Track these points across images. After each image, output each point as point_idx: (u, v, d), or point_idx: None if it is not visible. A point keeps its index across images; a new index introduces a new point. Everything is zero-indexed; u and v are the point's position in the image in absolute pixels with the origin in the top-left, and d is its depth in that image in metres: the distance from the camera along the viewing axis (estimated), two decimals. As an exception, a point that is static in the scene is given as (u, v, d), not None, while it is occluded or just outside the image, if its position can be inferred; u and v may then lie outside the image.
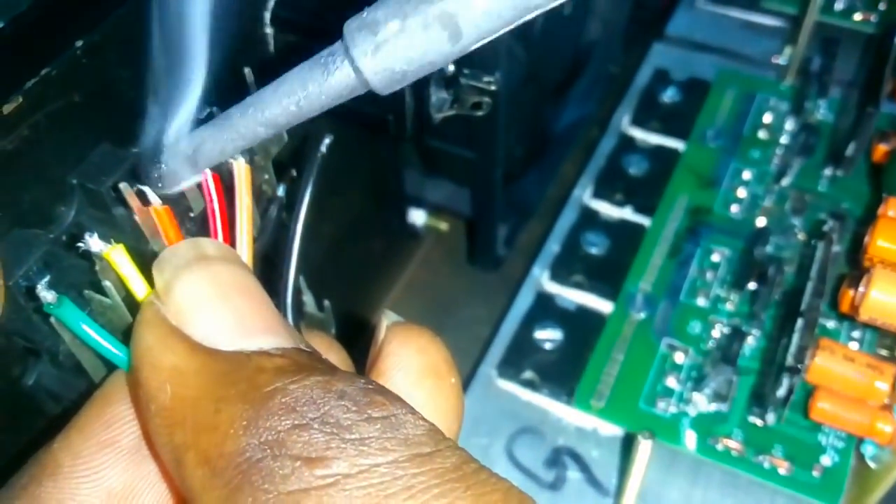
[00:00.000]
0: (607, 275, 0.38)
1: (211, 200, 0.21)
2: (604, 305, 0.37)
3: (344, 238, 0.38)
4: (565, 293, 0.38)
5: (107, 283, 0.19)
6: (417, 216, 0.42)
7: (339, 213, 0.36)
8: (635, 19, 0.50)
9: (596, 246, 0.39)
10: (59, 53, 0.18)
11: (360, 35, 0.15)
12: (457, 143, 0.36)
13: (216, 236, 0.21)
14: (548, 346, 0.36)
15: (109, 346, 0.19)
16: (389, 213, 0.42)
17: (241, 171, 0.21)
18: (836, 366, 0.31)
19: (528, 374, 0.35)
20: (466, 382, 0.36)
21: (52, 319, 0.19)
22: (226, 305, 0.17)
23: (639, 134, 0.44)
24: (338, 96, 0.16)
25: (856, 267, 0.30)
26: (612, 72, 0.49)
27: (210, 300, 0.17)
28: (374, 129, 0.29)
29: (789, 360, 0.29)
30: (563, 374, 0.35)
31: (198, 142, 0.19)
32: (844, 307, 0.30)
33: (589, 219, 0.40)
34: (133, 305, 0.20)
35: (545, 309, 0.37)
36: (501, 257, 0.41)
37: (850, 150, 0.38)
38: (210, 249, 0.18)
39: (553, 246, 0.40)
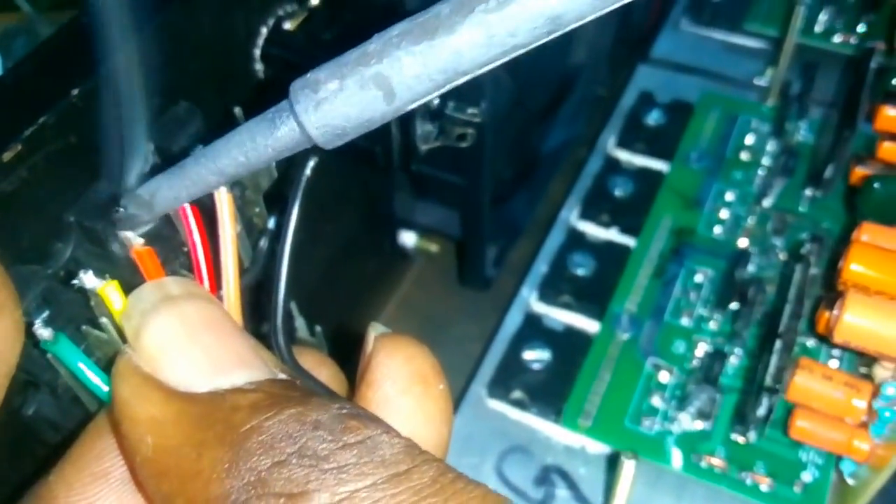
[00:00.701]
0: (594, 295, 0.39)
1: (191, 233, 0.21)
2: (591, 325, 0.38)
3: (336, 261, 0.39)
4: (553, 313, 0.39)
5: (103, 320, 0.19)
6: (408, 238, 0.43)
7: (331, 236, 0.37)
8: (621, 40, 0.51)
9: (583, 267, 0.40)
10: (56, 101, 0.19)
11: (303, 93, 0.16)
12: (444, 169, 0.37)
13: (199, 269, 0.22)
14: (536, 366, 0.37)
15: (102, 385, 0.20)
16: (381, 235, 0.42)
17: (223, 200, 0.21)
18: (814, 384, 0.32)
19: (517, 394, 0.36)
20: (457, 402, 0.37)
21: (49, 355, 0.20)
22: (195, 344, 0.17)
23: (624, 156, 0.45)
24: (284, 149, 0.17)
25: (832, 289, 0.31)
26: (599, 93, 0.50)
27: (179, 341, 0.17)
28: (363, 160, 0.30)
29: (768, 381, 0.30)
30: (551, 394, 0.36)
31: (154, 188, 0.20)
32: (821, 328, 0.31)
33: (576, 240, 0.41)
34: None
35: (533, 329, 0.38)
36: (491, 277, 0.42)
37: (829, 171, 0.39)
38: (174, 289, 0.18)
39: (541, 267, 0.41)
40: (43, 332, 0.19)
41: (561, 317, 0.39)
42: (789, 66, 0.45)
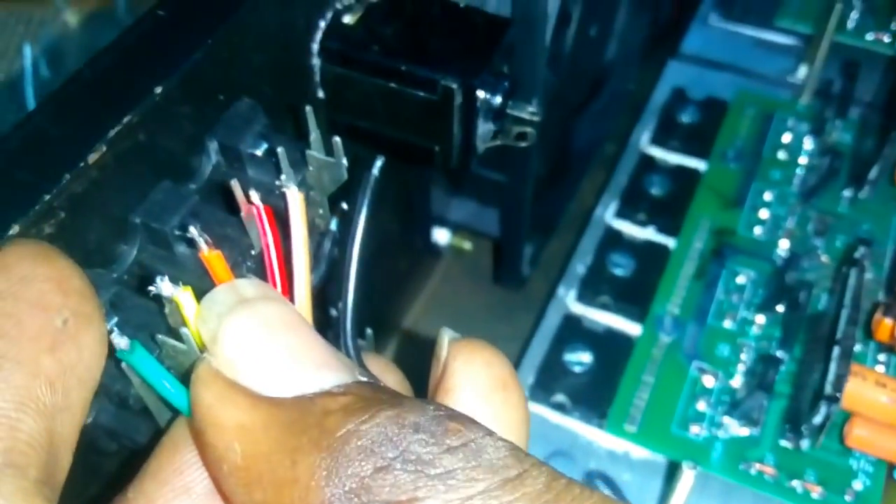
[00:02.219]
0: (634, 296, 0.38)
1: (265, 234, 0.21)
2: (632, 328, 0.38)
3: (371, 258, 0.38)
4: (592, 315, 0.38)
5: (183, 330, 0.19)
6: (441, 235, 0.42)
7: (368, 235, 0.36)
8: (647, 35, 0.51)
9: (621, 267, 0.39)
10: (140, 99, 0.18)
11: None
12: (486, 165, 0.36)
13: (272, 270, 0.21)
14: (577, 368, 0.36)
15: (180, 395, 0.19)
16: (415, 233, 0.41)
17: (296, 201, 0.21)
18: (868, 391, 0.31)
19: (558, 398, 0.36)
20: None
21: (123, 364, 0.19)
22: (276, 346, 0.16)
23: (659, 153, 0.44)
24: None
25: (891, 295, 0.30)
26: (628, 88, 0.50)
27: (259, 344, 0.16)
28: (418, 160, 0.29)
29: (828, 389, 0.30)
30: (594, 398, 0.35)
31: None
32: (882, 336, 0.31)
33: (613, 239, 0.41)
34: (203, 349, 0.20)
35: (573, 331, 0.37)
36: (526, 276, 0.41)
37: (874, 173, 0.38)
38: (248, 291, 0.17)
39: (578, 266, 0.40)
40: (119, 341, 0.18)
41: (601, 318, 0.38)
42: (824, 64, 0.44)
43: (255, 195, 0.20)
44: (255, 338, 0.16)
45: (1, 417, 0.15)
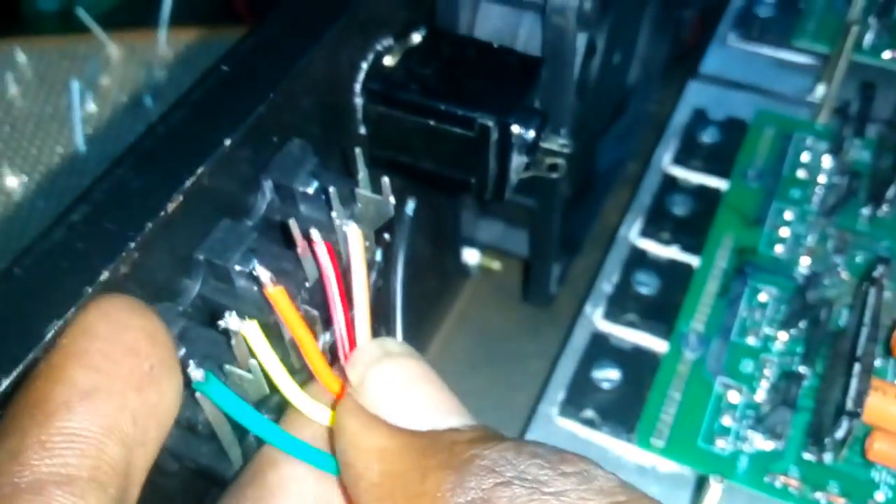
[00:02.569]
0: (660, 314, 0.39)
1: (327, 269, 0.22)
2: (658, 344, 0.39)
3: (405, 280, 0.39)
4: (619, 332, 0.40)
5: (253, 362, 0.20)
6: (471, 256, 0.44)
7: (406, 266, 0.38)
8: (668, 56, 0.52)
9: (646, 286, 0.41)
10: (211, 151, 0.20)
11: None
12: (516, 191, 0.38)
13: (334, 305, 0.22)
14: (606, 385, 0.38)
15: (253, 419, 0.20)
16: (446, 254, 0.43)
17: (356, 237, 0.22)
18: (888, 406, 0.33)
19: (588, 413, 0.37)
20: (526, 421, 0.38)
21: (197, 394, 0.21)
22: (415, 392, 0.19)
23: (681, 173, 0.45)
24: None
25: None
26: (649, 109, 0.51)
27: (400, 388, 0.19)
28: (454, 190, 0.31)
29: (849, 405, 0.31)
30: (622, 413, 0.37)
31: None
32: (903, 353, 0.32)
33: (638, 258, 0.42)
34: (268, 378, 0.21)
35: (601, 348, 0.39)
36: (554, 295, 0.43)
37: (891, 191, 0.39)
38: (394, 347, 0.21)
39: (604, 285, 0.41)
40: (195, 374, 0.20)
41: (628, 336, 0.39)
42: (842, 84, 0.45)
43: (315, 234, 0.21)
44: (397, 385, 0.20)
45: (91, 439, 0.17)
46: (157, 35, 0.45)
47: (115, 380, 0.17)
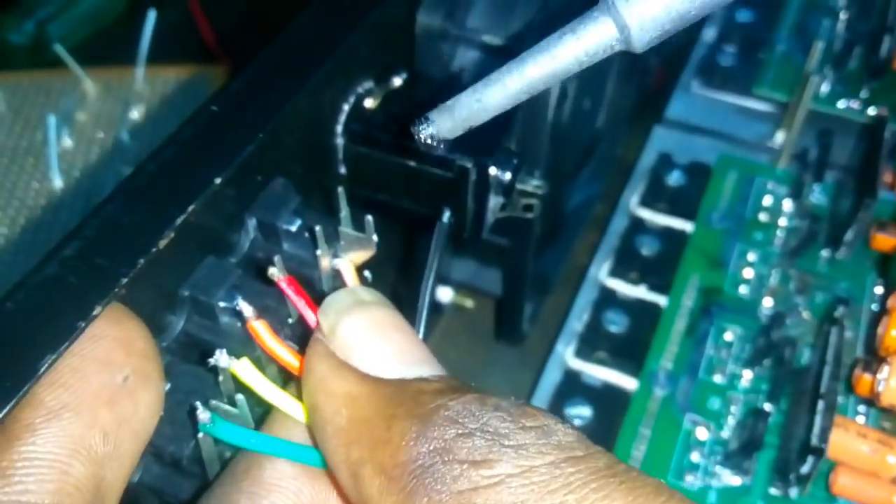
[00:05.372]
0: (629, 352, 0.40)
1: (296, 303, 0.23)
2: (628, 382, 0.40)
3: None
4: (590, 370, 0.40)
5: (239, 397, 0.20)
6: (444, 294, 0.44)
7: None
8: (634, 102, 0.53)
9: (616, 324, 0.42)
10: (202, 189, 0.20)
11: None
12: (490, 230, 0.39)
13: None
14: (578, 422, 0.38)
15: (268, 444, 0.21)
16: (418, 292, 0.43)
17: (349, 270, 0.23)
18: (851, 442, 0.34)
19: (560, 450, 0.37)
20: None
21: (200, 435, 0.21)
22: (384, 340, 0.20)
23: (648, 215, 0.47)
24: (592, 48, 0.18)
25: (870, 352, 0.33)
26: (617, 152, 0.52)
27: (371, 336, 0.20)
28: (431, 229, 0.31)
29: (814, 441, 0.32)
30: (593, 450, 0.37)
31: (459, 95, 0.21)
32: (862, 390, 0.33)
33: (607, 297, 0.43)
34: (255, 412, 0.22)
35: (572, 386, 0.40)
36: (526, 333, 0.43)
37: (849, 235, 0.41)
38: (366, 296, 0.21)
39: (575, 324, 0.42)
40: (203, 416, 0.20)
41: (599, 373, 0.40)
42: (800, 131, 0.47)
43: (273, 271, 0.22)
44: (367, 331, 0.20)
45: (55, 462, 0.17)
46: (133, 72, 0.45)
47: (84, 396, 0.18)
